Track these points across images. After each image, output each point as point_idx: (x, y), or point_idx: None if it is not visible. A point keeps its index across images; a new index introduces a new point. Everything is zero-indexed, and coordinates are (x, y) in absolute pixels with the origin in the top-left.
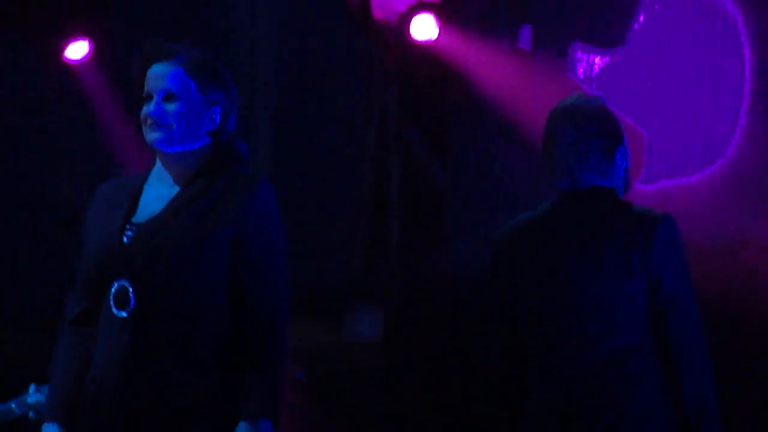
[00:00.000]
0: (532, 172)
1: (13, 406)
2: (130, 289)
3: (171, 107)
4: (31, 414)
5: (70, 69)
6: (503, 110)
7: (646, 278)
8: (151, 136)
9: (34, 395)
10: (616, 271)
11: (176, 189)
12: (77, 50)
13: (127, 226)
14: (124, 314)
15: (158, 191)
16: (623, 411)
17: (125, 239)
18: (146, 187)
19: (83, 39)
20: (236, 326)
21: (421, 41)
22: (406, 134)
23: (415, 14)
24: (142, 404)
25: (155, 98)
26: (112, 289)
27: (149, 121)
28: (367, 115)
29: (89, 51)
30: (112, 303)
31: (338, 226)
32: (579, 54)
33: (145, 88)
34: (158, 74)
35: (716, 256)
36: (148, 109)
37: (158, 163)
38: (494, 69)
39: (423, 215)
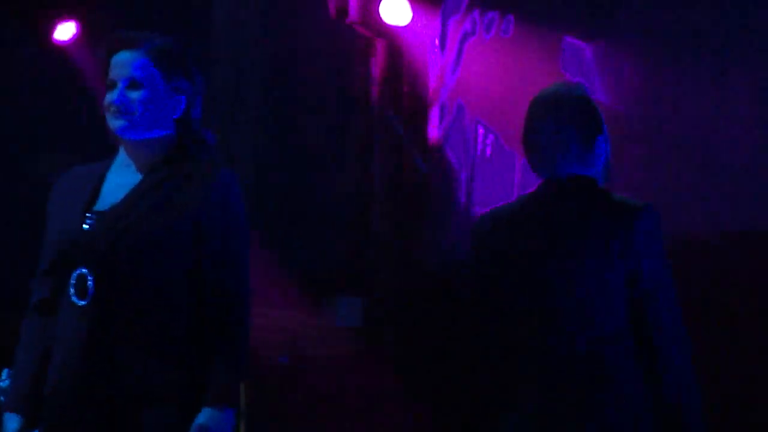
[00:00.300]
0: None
1: None
2: (90, 277)
3: (135, 95)
4: (1, 398)
5: (61, 50)
6: (483, 100)
7: (625, 268)
8: (115, 123)
9: (6, 380)
10: (596, 260)
11: (139, 177)
12: (65, 31)
13: (89, 215)
14: (84, 303)
15: (121, 179)
16: (604, 397)
17: (86, 227)
18: (109, 176)
19: (70, 20)
20: (198, 314)
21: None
22: (389, 129)
23: None
24: (101, 393)
25: (119, 86)
26: (72, 278)
27: (113, 109)
28: (351, 109)
29: (77, 32)
30: (72, 291)
31: (322, 217)
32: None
33: (110, 76)
34: (123, 62)
35: None
36: (111, 96)
37: (122, 151)
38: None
39: (404, 208)
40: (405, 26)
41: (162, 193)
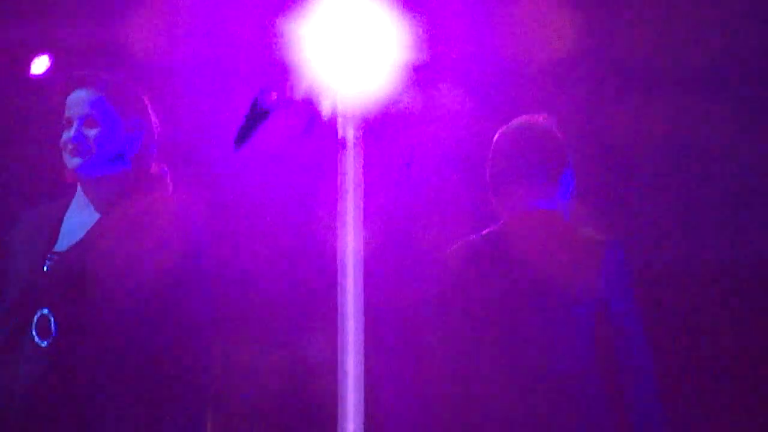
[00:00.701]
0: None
1: None
2: (51, 318)
3: (91, 133)
4: None
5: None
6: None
7: (592, 303)
8: (72, 162)
9: None
10: (562, 296)
11: (97, 215)
12: (39, 65)
13: (49, 255)
14: (45, 344)
15: (79, 218)
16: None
17: (46, 267)
18: (67, 215)
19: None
20: (158, 352)
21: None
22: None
23: None
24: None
25: (75, 124)
26: (34, 319)
27: (69, 147)
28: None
29: (50, 65)
30: (34, 332)
31: (278, 245)
32: None
33: (66, 114)
34: (78, 100)
35: None
36: (68, 135)
37: (79, 189)
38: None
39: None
40: None
41: (120, 231)
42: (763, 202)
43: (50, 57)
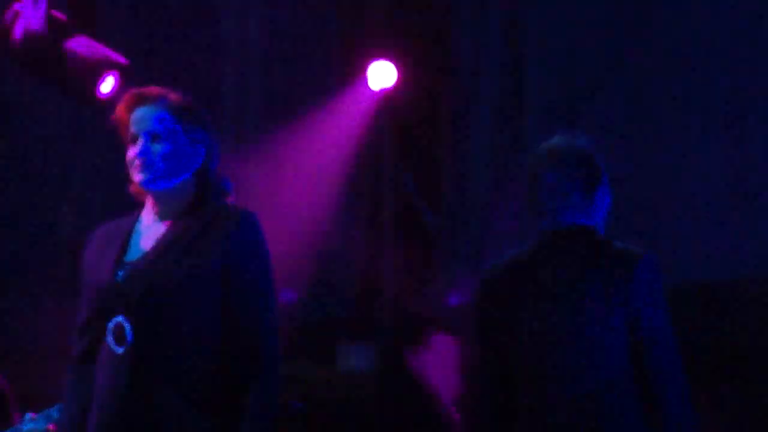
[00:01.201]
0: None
1: (30, 424)
2: (127, 326)
3: (157, 148)
4: None
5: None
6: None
7: (626, 314)
8: (139, 176)
9: (28, 423)
10: (597, 307)
11: (165, 226)
12: (107, 85)
13: (121, 266)
14: (121, 350)
15: (148, 230)
16: None
17: (119, 278)
18: (137, 227)
19: (110, 74)
20: (229, 357)
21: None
22: (399, 178)
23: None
24: None
25: (141, 140)
26: (110, 326)
27: (137, 162)
28: (361, 158)
29: (116, 84)
30: (111, 340)
31: (333, 266)
32: None
33: (131, 131)
34: (143, 117)
35: None
36: (135, 150)
37: (147, 203)
38: None
39: (412, 260)
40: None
41: (188, 240)
42: None
43: (115, 77)
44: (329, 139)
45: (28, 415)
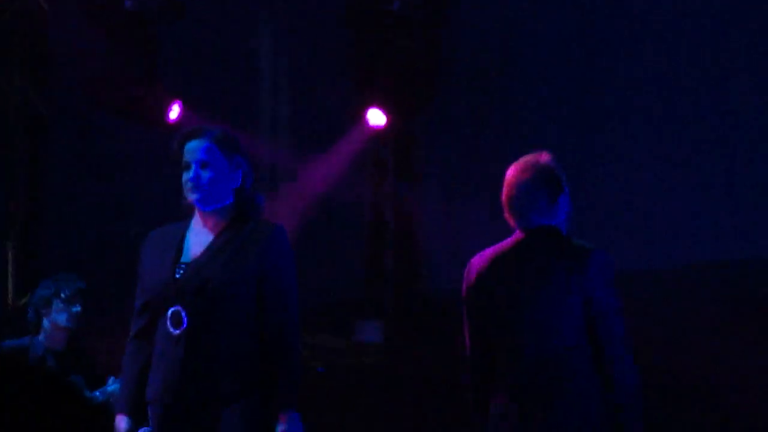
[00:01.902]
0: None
1: (97, 393)
2: (183, 313)
3: (205, 173)
4: (111, 399)
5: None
6: None
7: (582, 294)
8: (191, 196)
9: (111, 385)
10: (559, 289)
11: (211, 236)
12: (173, 112)
13: (178, 265)
14: (178, 332)
15: (198, 238)
16: (567, 392)
17: (177, 275)
18: (188, 235)
19: (176, 102)
20: (261, 339)
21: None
22: (396, 189)
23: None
24: (194, 397)
25: (193, 167)
26: (168, 313)
27: (189, 185)
28: (366, 174)
29: (180, 112)
30: (168, 323)
31: (346, 260)
32: None
33: (184, 159)
34: (194, 148)
35: None
36: (188, 175)
37: (197, 215)
38: None
39: (410, 250)
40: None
41: (231, 248)
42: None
43: (180, 105)
44: (346, 158)
45: (111, 378)
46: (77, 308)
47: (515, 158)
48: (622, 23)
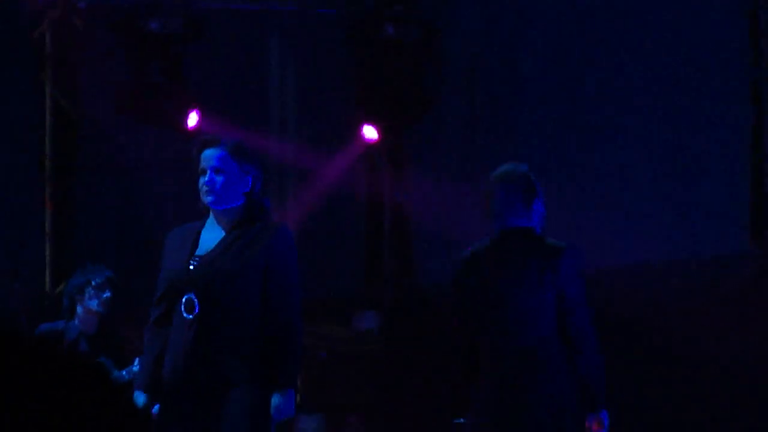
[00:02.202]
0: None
1: (124, 373)
2: (196, 300)
3: (219, 178)
4: (134, 378)
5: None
6: None
7: (555, 289)
8: (206, 199)
9: (137, 365)
10: (534, 285)
11: (223, 233)
12: (192, 119)
13: (193, 258)
14: (191, 317)
15: (212, 234)
16: (541, 377)
17: (192, 266)
18: (203, 232)
19: (194, 110)
20: (266, 324)
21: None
22: (393, 193)
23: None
24: (202, 377)
25: (209, 172)
26: (183, 300)
27: (205, 189)
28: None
29: (199, 119)
30: (182, 309)
31: (347, 256)
32: None
33: (201, 165)
34: (210, 156)
35: None
36: (203, 180)
37: (211, 215)
38: None
39: (404, 247)
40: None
41: (240, 244)
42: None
43: (198, 112)
44: (347, 165)
45: (137, 359)
46: (107, 294)
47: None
48: (613, 37)
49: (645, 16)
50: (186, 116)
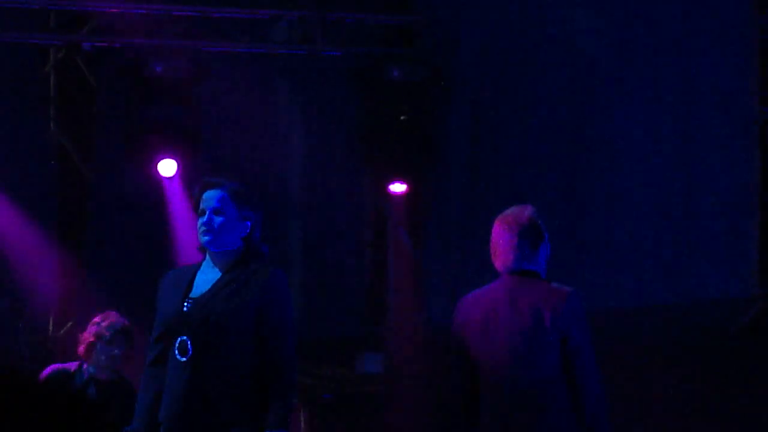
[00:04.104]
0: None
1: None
2: (189, 342)
3: (217, 219)
4: None
5: (161, 182)
6: None
7: (558, 333)
8: (204, 239)
9: None
10: (536, 328)
11: (219, 274)
12: (168, 168)
13: (187, 300)
14: (184, 359)
15: (207, 276)
16: (544, 420)
17: (185, 309)
18: (199, 273)
19: (173, 158)
20: (260, 367)
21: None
22: (396, 233)
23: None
24: (197, 420)
25: (207, 213)
26: (176, 342)
27: (203, 229)
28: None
29: (177, 170)
30: (176, 352)
31: (350, 297)
32: None
33: (201, 206)
34: (210, 197)
35: None
36: (202, 220)
37: (208, 257)
38: None
39: (408, 288)
40: None
41: (235, 286)
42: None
43: (177, 162)
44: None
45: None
46: (117, 351)
47: (506, 208)
48: (619, 82)
49: (651, 58)
50: (156, 157)
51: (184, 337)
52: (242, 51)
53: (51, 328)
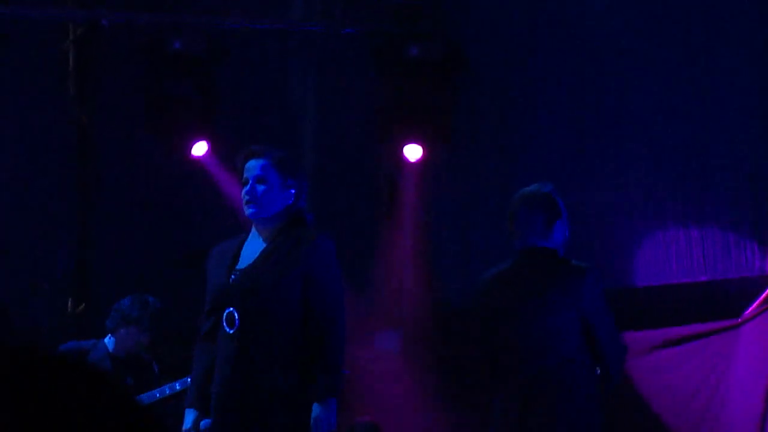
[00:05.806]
0: (499, 240)
1: (177, 385)
2: (236, 314)
3: (260, 188)
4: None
5: (196, 162)
6: None
7: (578, 309)
8: (247, 210)
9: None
10: (556, 306)
11: (264, 244)
12: (200, 148)
13: (234, 272)
14: (232, 331)
15: (253, 246)
16: (564, 397)
17: (231, 281)
18: (245, 244)
19: (203, 140)
20: (307, 336)
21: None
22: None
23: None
24: (246, 389)
25: (250, 182)
26: (224, 314)
27: (246, 198)
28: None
29: (208, 149)
30: (224, 324)
31: (370, 278)
32: None
33: (244, 176)
34: (253, 166)
35: None
36: (245, 189)
37: (253, 228)
38: None
39: (424, 269)
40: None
41: (280, 255)
42: None
43: (208, 143)
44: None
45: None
46: (145, 337)
47: (521, 187)
48: (619, 60)
49: (660, 50)
50: (190, 141)
51: (231, 309)
52: (260, 28)
53: (70, 307)
